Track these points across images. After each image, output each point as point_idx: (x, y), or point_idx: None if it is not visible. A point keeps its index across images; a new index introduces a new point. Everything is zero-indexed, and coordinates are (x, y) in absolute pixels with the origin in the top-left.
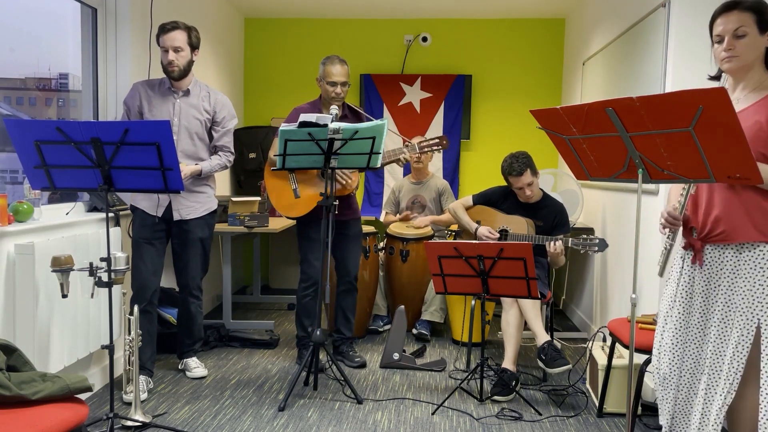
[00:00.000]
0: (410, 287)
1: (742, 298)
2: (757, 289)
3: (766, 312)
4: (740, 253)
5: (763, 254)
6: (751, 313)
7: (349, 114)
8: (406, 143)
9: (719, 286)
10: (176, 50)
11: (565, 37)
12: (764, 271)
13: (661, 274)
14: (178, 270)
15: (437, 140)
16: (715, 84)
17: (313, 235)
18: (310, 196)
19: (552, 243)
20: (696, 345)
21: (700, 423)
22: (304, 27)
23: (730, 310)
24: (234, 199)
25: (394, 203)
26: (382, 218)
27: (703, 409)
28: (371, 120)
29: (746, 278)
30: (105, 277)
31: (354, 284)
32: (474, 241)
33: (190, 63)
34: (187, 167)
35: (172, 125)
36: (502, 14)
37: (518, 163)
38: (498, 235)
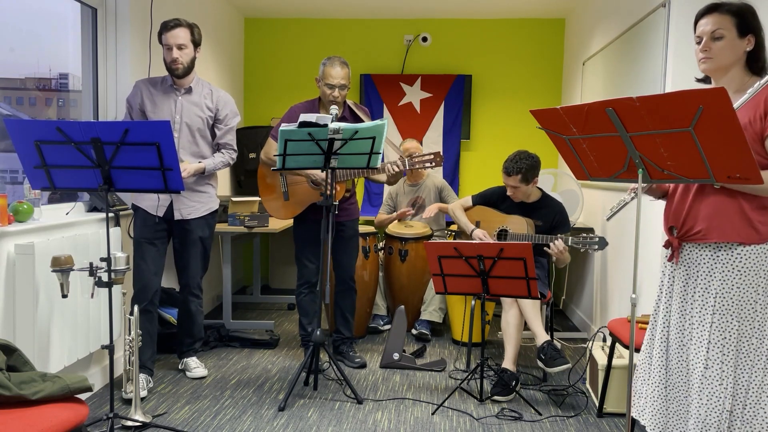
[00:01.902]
0: (409, 287)
1: (716, 300)
2: (735, 291)
3: (741, 314)
4: (716, 254)
5: (739, 256)
6: (730, 315)
7: (348, 116)
8: (395, 162)
9: (696, 286)
10: (180, 47)
11: (565, 37)
12: (740, 274)
13: (608, 219)
14: (179, 269)
15: (431, 156)
16: (703, 86)
17: (306, 236)
18: (299, 199)
19: (551, 244)
20: (677, 346)
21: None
22: (304, 27)
23: (706, 313)
24: (234, 199)
25: (390, 206)
26: (376, 220)
27: (700, 414)
28: (371, 120)
29: (722, 280)
30: (105, 277)
31: (351, 285)
32: (474, 241)
33: (193, 60)
34: (190, 165)
35: (174, 123)
36: (502, 14)
37: (513, 165)
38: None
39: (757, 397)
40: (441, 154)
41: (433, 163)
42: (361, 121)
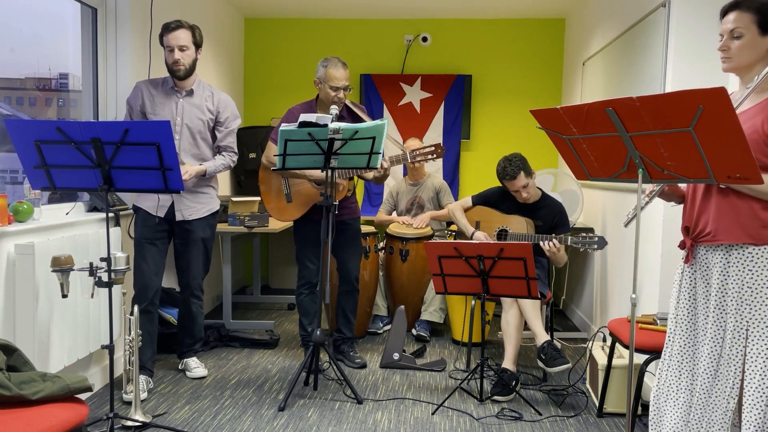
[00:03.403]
0: (410, 287)
1: (733, 301)
2: (746, 291)
3: (753, 316)
4: (729, 255)
5: (751, 256)
6: (740, 315)
7: (346, 115)
8: (397, 156)
9: (711, 287)
10: (182, 49)
11: (565, 37)
12: (752, 274)
13: (625, 225)
14: (180, 270)
15: (432, 148)
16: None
17: (307, 237)
18: (302, 200)
19: (546, 242)
20: (699, 349)
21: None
22: (304, 27)
23: (724, 314)
24: (234, 199)
25: (391, 205)
26: (376, 218)
27: (705, 415)
28: (370, 120)
29: (735, 280)
30: (105, 277)
31: (355, 285)
32: (474, 241)
33: (195, 62)
34: (191, 167)
35: (175, 125)
36: (502, 14)
37: (511, 167)
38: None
39: (766, 402)
40: (442, 145)
41: (435, 155)
42: (360, 119)
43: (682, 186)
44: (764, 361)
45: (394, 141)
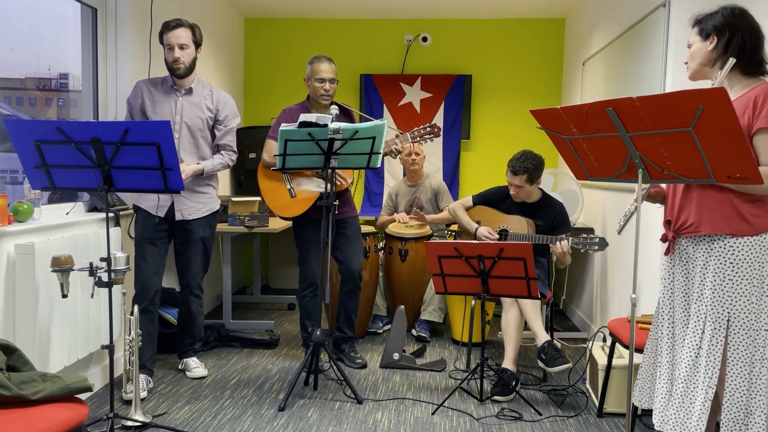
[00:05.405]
0: (410, 287)
1: (713, 293)
2: (727, 283)
3: (734, 306)
4: (711, 247)
5: (732, 249)
6: (722, 307)
7: (340, 114)
8: (397, 135)
9: (694, 280)
10: (182, 47)
11: (565, 37)
12: (732, 266)
13: (619, 232)
14: (180, 269)
15: (429, 128)
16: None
17: (310, 237)
18: (306, 195)
19: (558, 243)
20: (680, 341)
21: (684, 419)
22: (304, 27)
23: (702, 305)
24: (234, 199)
25: (391, 207)
26: (378, 221)
27: (684, 404)
28: (367, 119)
29: (716, 272)
30: (105, 277)
31: (358, 284)
32: (474, 241)
33: (195, 60)
34: (188, 167)
35: (174, 123)
36: (502, 14)
37: (520, 164)
38: (498, 235)
39: (747, 388)
40: (438, 125)
41: (432, 135)
42: (351, 117)
43: (663, 185)
44: (745, 349)
45: (392, 129)
